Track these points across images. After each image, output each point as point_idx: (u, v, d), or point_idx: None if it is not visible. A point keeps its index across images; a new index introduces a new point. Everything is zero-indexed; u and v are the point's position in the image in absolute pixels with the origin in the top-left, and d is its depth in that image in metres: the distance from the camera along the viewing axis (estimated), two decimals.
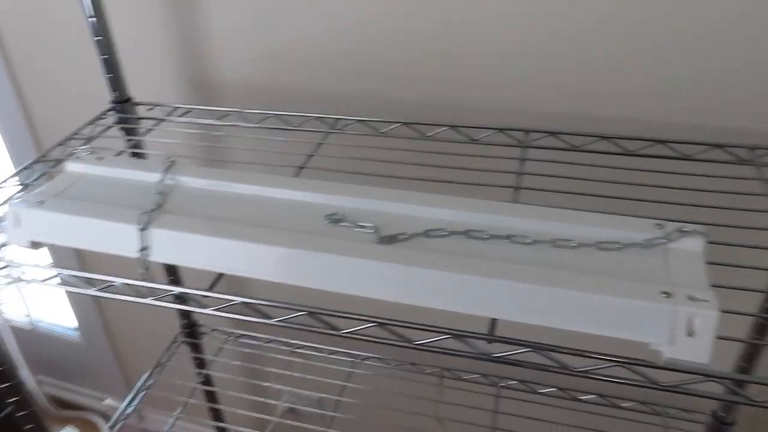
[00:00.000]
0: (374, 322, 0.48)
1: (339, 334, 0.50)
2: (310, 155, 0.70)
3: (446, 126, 0.71)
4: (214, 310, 0.52)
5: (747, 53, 0.64)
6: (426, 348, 0.48)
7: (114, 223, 0.52)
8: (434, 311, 0.47)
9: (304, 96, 0.83)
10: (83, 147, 0.70)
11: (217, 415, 1.21)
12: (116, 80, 0.78)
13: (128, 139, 0.79)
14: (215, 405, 1.18)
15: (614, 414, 0.93)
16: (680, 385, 0.44)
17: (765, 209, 0.56)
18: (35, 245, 0.56)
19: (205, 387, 1.14)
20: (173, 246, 0.51)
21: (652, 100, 0.70)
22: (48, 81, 0.98)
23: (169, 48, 0.86)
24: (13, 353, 1.49)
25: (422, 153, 0.70)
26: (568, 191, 0.61)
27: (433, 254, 0.47)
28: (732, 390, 0.43)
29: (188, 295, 0.52)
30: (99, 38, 0.74)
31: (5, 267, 0.56)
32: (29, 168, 0.67)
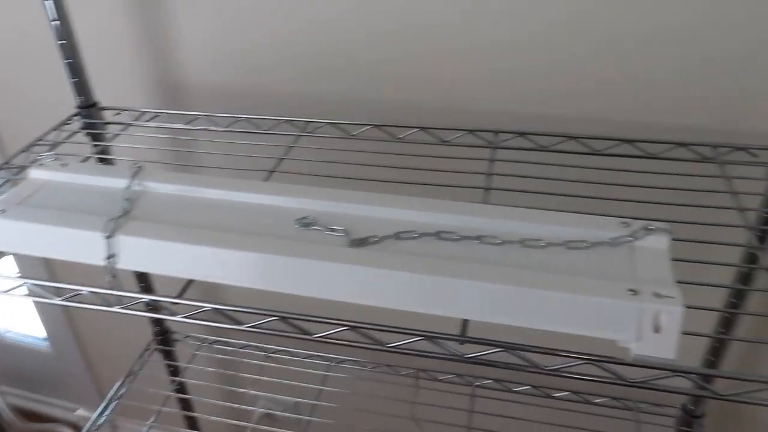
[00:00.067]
0: (346, 326, 0.48)
1: (311, 339, 0.49)
2: (281, 159, 0.69)
3: (417, 128, 0.72)
4: (184, 318, 0.52)
5: (707, 53, 0.66)
6: (399, 350, 0.48)
7: (79, 231, 0.51)
8: (407, 313, 0.47)
9: (274, 99, 0.83)
10: (47, 153, 0.69)
11: (192, 423, 1.19)
12: (81, 85, 0.76)
13: (94, 145, 0.77)
14: (190, 413, 1.16)
15: (587, 410, 0.95)
16: (648, 381, 0.44)
17: (728, 206, 0.58)
18: None
19: (179, 395, 1.12)
20: (141, 253, 0.50)
21: (618, 100, 0.71)
22: (10, 86, 0.95)
23: (136, 51, 0.85)
24: None
25: (393, 155, 0.70)
26: (538, 191, 0.61)
27: (404, 256, 0.47)
28: (699, 384, 0.44)
29: (158, 303, 0.52)
30: (63, 42, 0.73)
31: None
32: None
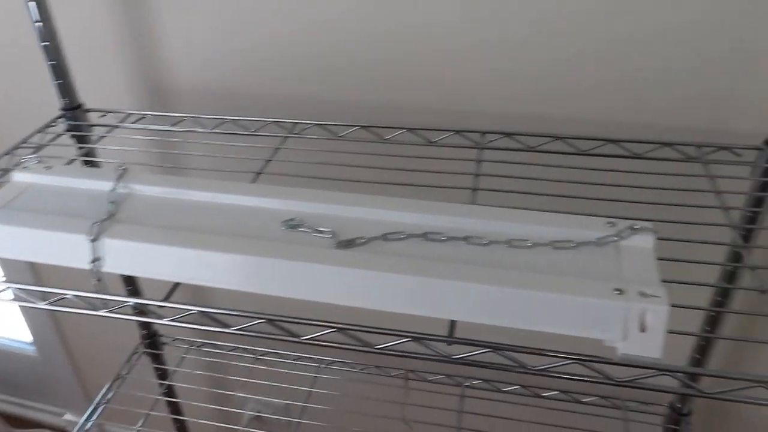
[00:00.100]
0: (334, 328, 0.48)
1: (299, 341, 0.49)
2: (268, 160, 0.69)
3: (404, 129, 0.72)
4: (171, 321, 0.51)
5: (691, 54, 0.66)
6: (386, 352, 0.48)
7: (63, 234, 0.51)
8: (396, 314, 0.47)
9: (261, 100, 0.83)
10: (31, 156, 0.68)
11: (181, 427, 1.19)
12: (66, 86, 0.75)
13: (79, 147, 0.77)
14: (178, 416, 1.15)
15: (576, 409, 0.95)
16: (635, 380, 0.44)
17: (712, 205, 0.58)
18: None
19: (168, 398, 1.11)
20: (126, 256, 0.50)
21: (604, 100, 0.71)
22: None
23: (121, 53, 0.84)
24: None
25: (380, 156, 0.70)
26: (525, 191, 0.62)
27: (391, 257, 0.47)
28: (685, 383, 0.44)
29: (144, 306, 0.51)
30: (46, 43, 0.72)
31: None
32: None
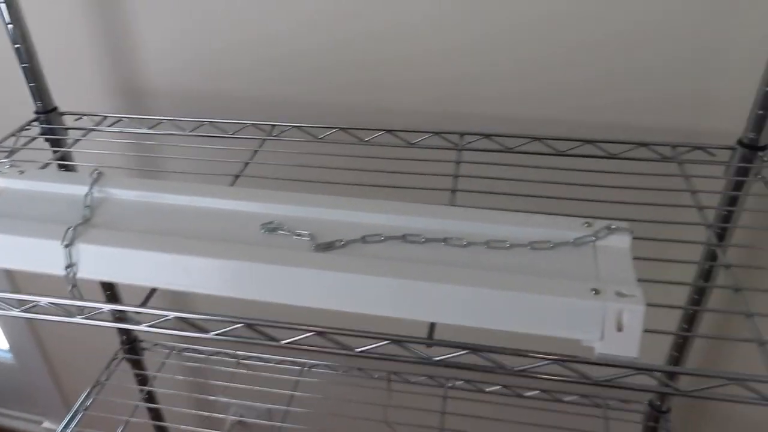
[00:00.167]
0: (313, 331, 0.48)
1: (278, 345, 0.49)
2: (247, 163, 0.69)
3: (383, 130, 0.72)
4: (148, 327, 0.51)
5: (666, 54, 0.67)
6: (366, 355, 0.47)
7: (37, 240, 0.50)
8: (377, 317, 0.47)
9: (239, 103, 0.82)
10: (5, 160, 0.67)
11: None
12: (40, 89, 0.74)
13: (54, 151, 0.75)
14: (160, 422, 1.14)
15: (558, 408, 0.96)
16: (614, 379, 0.45)
17: (688, 204, 0.59)
18: None
19: (149, 404, 1.10)
20: (102, 261, 0.49)
21: (580, 101, 0.72)
22: None
23: (97, 55, 0.83)
24: None
25: (360, 158, 0.70)
26: (503, 192, 0.62)
27: (370, 260, 0.46)
28: (662, 381, 0.45)
29: (123, 312, 0.51)
30: (18, 46, 0.71)
31: None
32: None
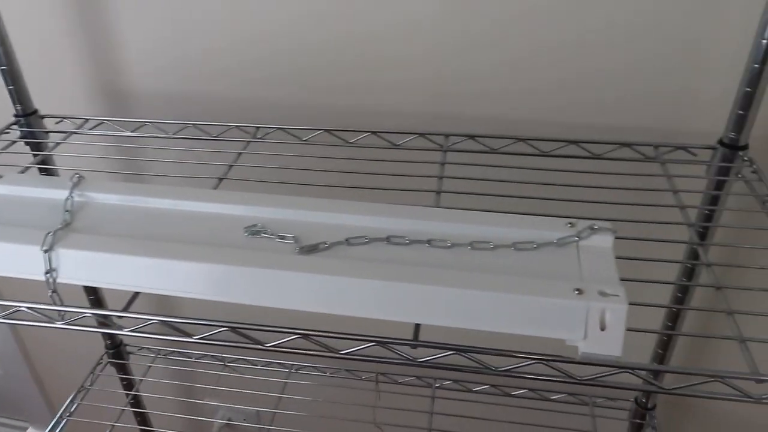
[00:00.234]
0: (298, 334, 0.48)
1: (263, 348, 0.49)
2: (231, 165, 0.68)
3: (368, 132, 0.72)
4: (131, 331, 0.50)
5: (646, 54, 0.67)
6: (351, 357, 0.47)
7: (16, 245, 0.49)
8: (363, 318, 0.46)
9: (223, 105, 0.82)
10: None
11: None
12: (19, 92, 0.73)
13: (35, 155, 0.74)
14: (146, 427, 1.13)
15: (545, 407, 0.96)
16: (598, 378, 0.45)
17: (670, 204, 0.59)
18: None
19: (135, 409, 1.09)
20: (82, 266, 0.49)
21: (563, 101, 0.72)
22: None
23: (78, 57, 0.82)
24: None
25: (345, 160, 0.70)
26: (488, 193, 0.62)
27: (354, 262, 0.46)
28: (645, 379, 0.45)
29: (103, 317, 0.50)
30: None
31: None
32: None
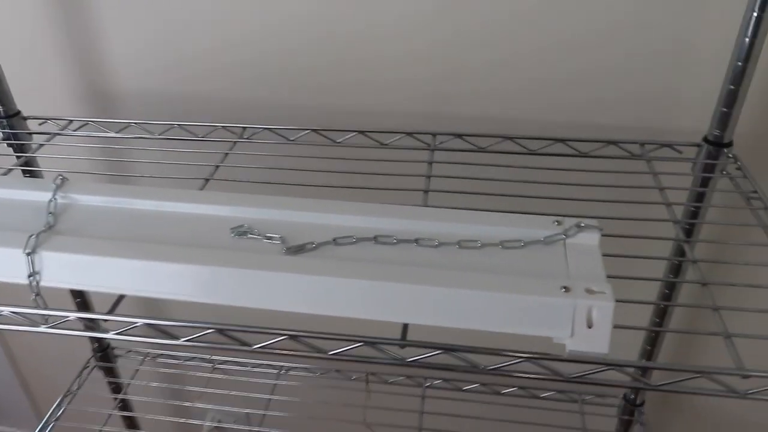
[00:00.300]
0: (285, 335, 0.47)
1: (251, 350, 0.48)
2: (217, 166, 0.68)
3: (355, 131, 0.71)
4: (116, 334, 0.50)
5: (631, 52, 0.68)
6: (339, 357, 0.47)
7: None
8: (351, 319, 0.46)
9: (210, 105, 0.81)
10: None
11: None
12: (1, 93, 0.72)
13: (18, 156, 0.74)
14: (135, 430, 1.12)
15: (535, 405, 0.96)
16: (586, 375, 0.45)
17: (656, 201, 0.60)
18: None
19: (123, 412, 1.08)
20: (66, 269, 0.48)
21: (549, 100, 0.72)
22: None
23: (62, 58, 0.81)
24: None
25: (332, 159, 0.70)
26: (476, 192, 0.62)
27: (341, 262, 0.46)
28: (633, 376, 0.45)
29: (88, 320, 0.50)
30: None
31: None
32: None
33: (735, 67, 0.60)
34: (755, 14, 0.57)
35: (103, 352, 1.03)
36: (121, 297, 0.51)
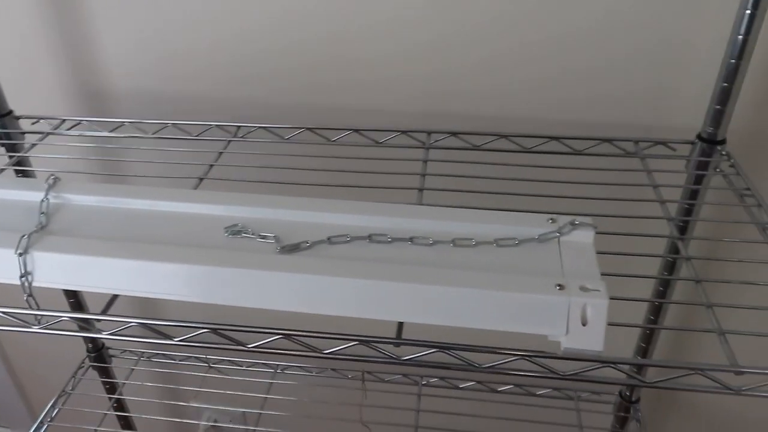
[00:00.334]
0: (280, 334, 0.47)
1: (245, 349, 0.48)
2: (212, 165, 0.68)
3: (350, 130, 0.71)
4: (110, 335, 0.50)
5: (624, 50, 0.68)
6: (334, 356, 0.47)
7: None
8: (346, 317, 0.46)
9: (204, 104, 0.81)
10: None
11: None
12: None
13: (10, 156, 0.73)
14: (130, 431, 1.12)
15: (531, 402, 0.96)
16: (580, 373, 0.45)
17: (650, 199, 0.60)
18: None
19: (118, 413, 1.08)
20: (59, 269, 0.48)
21: (543, 98, 0.72)
22: None
23: (54, 57, 0.81)
24: None
25: (327, 158, 0.70)
26: (471, 190, 0.62)
27: (335, 261, 0.46)
28: (628, 373, 0.45)
29: (82, 320, 0.49)
30: None
31: None
32: None
33: (728, 65, 0.60)
34: (748, 12, 0.57)
35: (98, 353, 1.03)
36: (115, 297, 0.51)
